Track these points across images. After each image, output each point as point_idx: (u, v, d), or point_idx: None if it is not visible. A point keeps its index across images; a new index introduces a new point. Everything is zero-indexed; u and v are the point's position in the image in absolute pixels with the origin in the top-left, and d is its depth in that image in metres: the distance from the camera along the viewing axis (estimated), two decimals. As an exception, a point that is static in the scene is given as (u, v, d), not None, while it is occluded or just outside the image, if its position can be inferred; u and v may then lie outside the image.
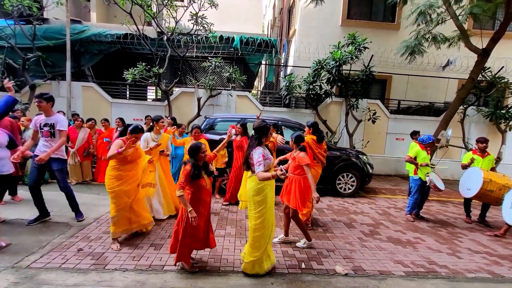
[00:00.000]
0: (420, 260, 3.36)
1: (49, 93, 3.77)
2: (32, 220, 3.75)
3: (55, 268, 2.75)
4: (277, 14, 15.42)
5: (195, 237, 2.73)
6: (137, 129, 3.29)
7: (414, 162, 4.64)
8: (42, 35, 7.90)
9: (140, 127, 3.31)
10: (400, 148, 8.85)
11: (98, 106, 8.32)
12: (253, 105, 8.69)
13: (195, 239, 2.75)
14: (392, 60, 8.44)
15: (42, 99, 3.53)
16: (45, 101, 3.55)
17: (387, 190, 6.98)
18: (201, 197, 2.74)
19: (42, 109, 3.60)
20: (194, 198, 2.70)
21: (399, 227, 4.43)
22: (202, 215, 2.73)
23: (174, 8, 7.51)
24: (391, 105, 9.51)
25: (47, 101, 3.57)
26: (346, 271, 2.97)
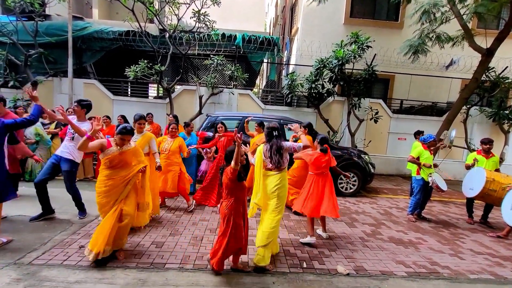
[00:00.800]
0: (422, 260, 3.35)
1: (88, 100, 3.94)
2: (36, 217, 3.76)
3: (57, 265, 2.75)
4: (279, 12, 15.35)
5: (239, 237, 2.72)
6: (124, 129, 2.90)
7: (417, 162, 4.62)
8: (44, 32, 7.90)
9: (129, 127, 2.95)
10: (402, 148, 8.82)
11: (99, 103, 8.29)
12: (254, 103, 8.67)
13: (239, 240, 2.72)
14: (395, 59, 8.40)
15: (78, 104, 3.77)
16: (80, 107, 3.75)
17: (388, 190, 6.96)
18: (241, 197, 2.77)
19: (76, 113, 3.80)
20: (236, 200, 2.73)
21: (401, 227, 4.41)
22: (242, 214, 2.78)
23: (176, 5, 7.49)
24: (393, 104, 9.47)
25: (82, 107, 3.77)
26: (348, 271, 2.96)
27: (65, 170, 3.73)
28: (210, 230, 3.82)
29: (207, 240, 3.51)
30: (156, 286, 2.54)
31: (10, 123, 2.92)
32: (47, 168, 3.73)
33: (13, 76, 7.75)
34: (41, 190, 3.74)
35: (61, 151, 3.75)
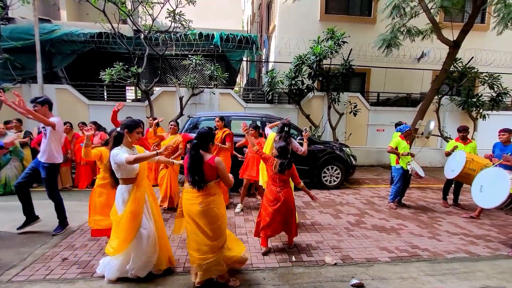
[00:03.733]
0: (404, 245, 3.53)
1: (43, 96, 3.61)
2: (21, 226, 3.68)
3: (40, 280, 2.64)
4: (256, 9, 15.35)
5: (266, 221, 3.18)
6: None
7: (396, 152, 4.82)
8: (8, 36, 7.43)
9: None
10: (381, 139, 9.16)
11: (74, 109, 7.97)
12: (236, 102, 8.66)
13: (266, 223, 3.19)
14: (370, 54, 8.67)
15: (36, 103, 3.43)
16: (39, 105, 3.43)
17: (370, 180, 7.22)
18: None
19: (40, 113, 3.43)
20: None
21: (383, 215, 4.61)
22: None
23: (150, 5, 7.28)
24: (371, 97, 9.79)
25: (41, 105, 3.44)
26: (335, 261, 3.06)
27: (44, 178, 3.56)
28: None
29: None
30: None
31: None
32: (26, 172, 3.61)
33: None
34: (23, 195, 3.59)
35: (40, 154, 3.56)
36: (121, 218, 2.49)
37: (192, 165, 2.38)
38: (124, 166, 2.44)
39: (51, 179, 3.61)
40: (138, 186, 2.57)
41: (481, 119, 8.76)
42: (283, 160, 3.10)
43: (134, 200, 2.51)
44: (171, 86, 8.41)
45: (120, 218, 2.51)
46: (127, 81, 7.18)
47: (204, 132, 2.49)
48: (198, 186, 2.37)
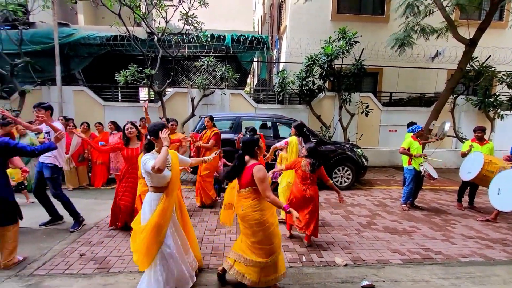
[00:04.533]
0: (416, 247, 3.47)
1: (47, 102, 3.83)
2: (45, 223, 3.93)
3: (59, 274, 2.76)
4: (267, 10, 15.38)
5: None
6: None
7: (408, 153, 4.75)
8: (29, 40, 7.75)
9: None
10: (393, 139, 9.01)
11: (90, 110, 8.23)
12: (247, 103, 8.72)
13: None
14: (382, 53, 8.54)
15: (40, 108, 3.62)
16: (43, 110, 3.63)
17: (382, 181, 7.12)
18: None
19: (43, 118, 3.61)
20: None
21: (395, 217, 4.54)
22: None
23: (163, 8, 7.45)
24: (383, 97, 9.64)
25: (45, 110, 3.65)
26: (346, 262, 3.06)
27: (48, 177, 3.72)
28: (209, 231, 3.87)
29: (207, 241, 3.56)
30: None
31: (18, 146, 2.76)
32: (36, 178, 3.82)
33: (0, 87, 7.61)
34: (41, 199, 3.82)
35: (42, 157, 3.68)
36: (144, 228, 2.24)
37: (232, 171, 2.49)
38: (154, 173, 2.21)
39: (54, 177, 3.76)
40: (168, 196, 2.32)
41: (498, 119, 8.47)
42: (314, 161, 3.29)
43: (161, 211, 2.25)
44: (183, 87, 8.56)
45: (143, 228, 2.25)
46: (141, 83, 7.36)
47: (247, 140, 2.50)
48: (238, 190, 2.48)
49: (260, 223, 2.36)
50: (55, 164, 3.74)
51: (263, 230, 2.37)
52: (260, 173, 2.31)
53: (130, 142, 3.66)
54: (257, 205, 2.38)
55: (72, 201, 3.93)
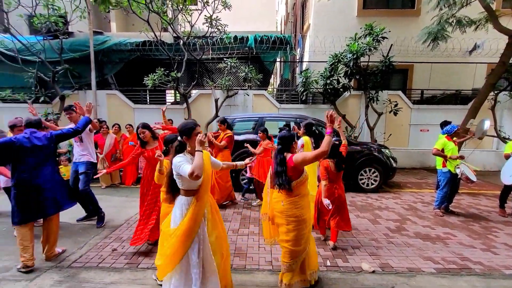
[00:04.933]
0: (452, 256, 3.24)
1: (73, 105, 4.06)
2: (81, 218, 4.22)
3: (93, 267, 2.95)
4: (290, 9, 15.25)
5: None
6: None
7: (442, 154, 4.44)
8: (68, 48, 8.38)
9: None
10: (425, 139, 8.50)
11: (121, 112, 8.70)
12: (270, 103, 8.70)
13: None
14: (413, 48, 8.10)
15: (71, 110, 3.90)
16: (74, 112, 3.91)
17: (412, 184, 6.74)
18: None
19: (73, 120, 3.94)
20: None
21: (428, 222, 4.27)
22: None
23: (188, 13, 7.68)
24: (413, 95, 9.13)
25: (75, 112, 3.92)
26: (373, 268, 2.93)
27: (82, 172, 3.98)
28: (232, 231, 3.90)
29: (230, 241, 3.59)
30: (185, 285, 2.65)
31: (58, 134, 3.13)
32: (72, 177, 4.10)
33: (43, 92, 8.31)
34: (79, 198, 4.09)
35: (77, 157, 4.03)
36: (174, 232, 2.14)
37: (278, 169, 2.41)
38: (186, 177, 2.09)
39: (88, 173, 4.02)
40: (199, 200, 2.19)
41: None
42: (337, 159, 3.30)
43: (192, 216, 2.14)
44: (207, 88, 8.75)
45: (173, 231, 2.15)
46: (168, 85, 7.64)
47: (284, 135, 2.51)
48: (286, 188, 2.37)
49: (299, 221, 2.38)
50: (89, 161, 4.03)
51: (298, 230, 2.38)
52: (300, 157, 2.35)
53: (147, 144, 3.45)
54: (298, 202, 2.40)
55: (105, 199, 4.17)
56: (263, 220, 2.80)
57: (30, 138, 2.87)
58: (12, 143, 2.76)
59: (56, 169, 3.17)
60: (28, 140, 2.85)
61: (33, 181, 2.85)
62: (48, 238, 3.07)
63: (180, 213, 2.17)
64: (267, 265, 3.03)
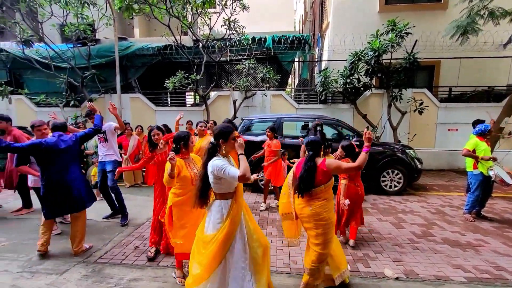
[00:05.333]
0: (485, 265, 3.02)
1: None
2: (107, 216, 4.41)
3: (117, 264, 3.07)
4: (308, 8, 15.06)
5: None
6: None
7: (473, 155, 4.16)
8: (95, 54, 8.84)
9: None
10: (453, 139, 8.02)
11: (144, 114, 9.03)
12: (288, 103, 8.63)
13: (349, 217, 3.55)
14: (440, 44, 7.68)
15: (91, 115, 4.05)
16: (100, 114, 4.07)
17: (440, 186, 6.38)
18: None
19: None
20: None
21: (457, 228, 4.02)
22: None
23: (207, 16, 7.82)
24: (440, 93, 8.65)
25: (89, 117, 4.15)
26: (397, 275, 2.80)
27: (109, 170, 4.16)
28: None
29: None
30: (203, 285, 2.69)
31: (82, 135, 3.33)
32: (100, 176, 4.32)
33: (73, 96, 8.84)
34: (105, 194, 4.33)
35: (103, 157, 4.23)
36: (213, 238, 2.08)
37: (305, 175, 2.37)
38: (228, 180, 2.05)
39: (115, 171, 4.13)
40: (236, 201, 2.16)
41: None
42: (353, 158, 3.28)
43: (232, 219, 2.09)
44: (225, 90, 8.85)
45: (211, 237, 2.08)
46: (187, 88, 7.83)
47: (313, 140, 2.48)
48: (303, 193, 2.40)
49: (327, 224, 2.38)
50: (115, 160, 4.23)
51: (326, 233, 2.38)
52: (332, 164, 2.35)
53: (158, 148, 3.30)
54: (327, 206, 2.40)
55: (128, 198, 4.34)
56: (283, 220, 2.72)
57: (57, 141, 3.09)
58: (39, 144, 2.98)
59: (80, 168, 3.36)
60: (56, 142, 3.06)
61: (62, 180, 3.05)
62: (76, 234, 3.26)
63: (220, 216, 2.11)
64: (285, 267, 2.99)
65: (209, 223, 2.15)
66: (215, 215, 2.13)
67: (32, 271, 2.94)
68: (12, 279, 2.79)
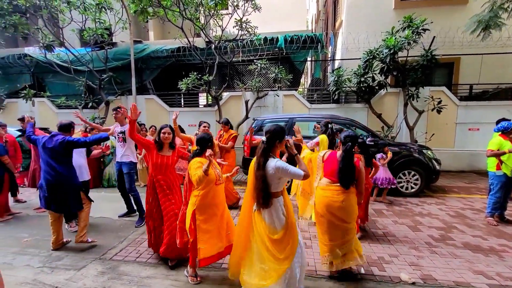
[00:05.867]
0: (510, 272, 2.86)
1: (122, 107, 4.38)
2: (122, 214, 4.52)
3: (131, 262, 3.14)
4: (321, 7, 14.88)
5: None
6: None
7: (500, 153, 3.92)
8: (112, 58, 9.12)
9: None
10: (474, 139, 7.68)
11: (158, 115, 9.21)
12: (300, 103, 8.55)
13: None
14: (459, 40, 7.38)
15: (117, 110, 4.21)
16: (119, 113, 4.21)
17: (460, 188, 6.12)
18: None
19: (118, 120, 4.24)
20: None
21: (478, 232, 3.84)
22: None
23: (220, 17, 7.88)
24: (460, 91, 8.31)
25: (121, 113, 4.20)
26: (413, 280, 2.70)
27: (125, 173, 4.23)
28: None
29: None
30: (215, 284, 2.70)
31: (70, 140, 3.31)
32: (117, 176, 4.42)
33: (91, 98, 9.15)
34: (123, 193, 4.42)
35: (120, 157, 4.27)
36: (285, 231, 2.23)
37: (347, 166, 2.59)
38: (285, 178, 2.26)
39: (131, 173, 4.26)
40: (285, 196, 2.35)
41: None
42: (367, 155, 3.46)
43: (289, 210, 2.32)
44: (237, 90, 8.89)
45: (283, 233, 2.22)
46: (200, 89, 7.92)
47: (353, 135, 2.72)
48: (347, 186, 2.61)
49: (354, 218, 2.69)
50: (131, 161, 4.28)
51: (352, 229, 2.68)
52: (362, 167, 2.70)
53: (163, 148, 3.11)
54: (353, 198, 2.66)
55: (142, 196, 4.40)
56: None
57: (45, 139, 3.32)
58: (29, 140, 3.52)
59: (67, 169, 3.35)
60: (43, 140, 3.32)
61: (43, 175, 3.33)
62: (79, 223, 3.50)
63: (281, 211, 2.26)
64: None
65: (274, 218, 2.23)
66: (277, 212, 2.25)
67: (52, 266, 3.06)
68: (34, 274, 2.91)
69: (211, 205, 2.57)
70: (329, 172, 2.73)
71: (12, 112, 9.95)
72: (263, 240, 2.22)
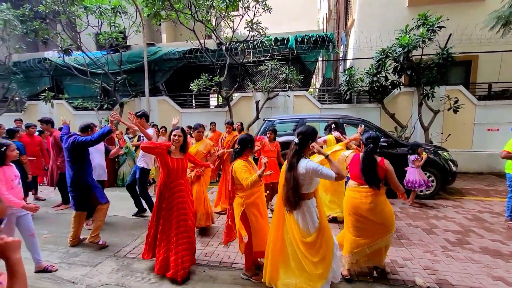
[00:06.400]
0: (531, 278, 2.74)
1: (142, 110, 4.45)
2: (135, 213, 4.63)
3: (144, 259, 3.20)
4: (332, 6, 14.74)
5: None
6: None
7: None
8: (126, 60, 9.36)
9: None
10: (494, 140, 7.39)
11: (170, 116, 9.31)
12: (311, 104, 8.50)
13: None
14: (477, 37, 7.13)
15: (137, 117, 4.12)
16: (139, 118, 4.17)
17: (477, 191, 5.90)
18: None
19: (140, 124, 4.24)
20: None
21: (498, 236, 3.70)
22: None
23: (230, 19, 7.95)
24: (478, 90, 8.02)
25: (140, 117, 4.15)
26: (428, 284, 2.63)
27: (138, 178, 4.30)
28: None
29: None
30: (225, 284, 2.73)
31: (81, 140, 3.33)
32: (131, 175, 4.52)
33: (106, 100, 9.42)
34: (132, 192, 4.51)
35: (138, 160, 4.36)
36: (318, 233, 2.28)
37: (368, 166, 2.56)
38: (317, 180, 2.31)
39: (143, 179, 4.31)
40: (317, 198, 2.41)
41: None
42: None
43: (322, 213, 2.37)
44: (248, 91, 8.92)
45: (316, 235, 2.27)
46: (211, 90, 8.01)
47: (375, 136, 2.67)
48: (376, 185, 2.56)
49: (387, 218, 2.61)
50: (143, 167, 4.30)
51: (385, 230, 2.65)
52: (391, 167, 2.55)
53: (173, 152, 2.92)
54: (385, 201, 2.63)
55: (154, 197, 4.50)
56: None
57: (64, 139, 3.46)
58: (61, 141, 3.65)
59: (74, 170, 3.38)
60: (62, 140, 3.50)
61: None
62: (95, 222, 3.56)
63: (316, 214, 2.30)
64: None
65: (308, 221, 2.27)
66: (311, 214, 2.28)
67: (69, 262, 3.18)
68: (52, 269, 3.03)
69: (254, 205, 2.60)
70: (354, 175, 2.73)
71: (32, 114, 10.39)
72: (297, 243, 2.29)
